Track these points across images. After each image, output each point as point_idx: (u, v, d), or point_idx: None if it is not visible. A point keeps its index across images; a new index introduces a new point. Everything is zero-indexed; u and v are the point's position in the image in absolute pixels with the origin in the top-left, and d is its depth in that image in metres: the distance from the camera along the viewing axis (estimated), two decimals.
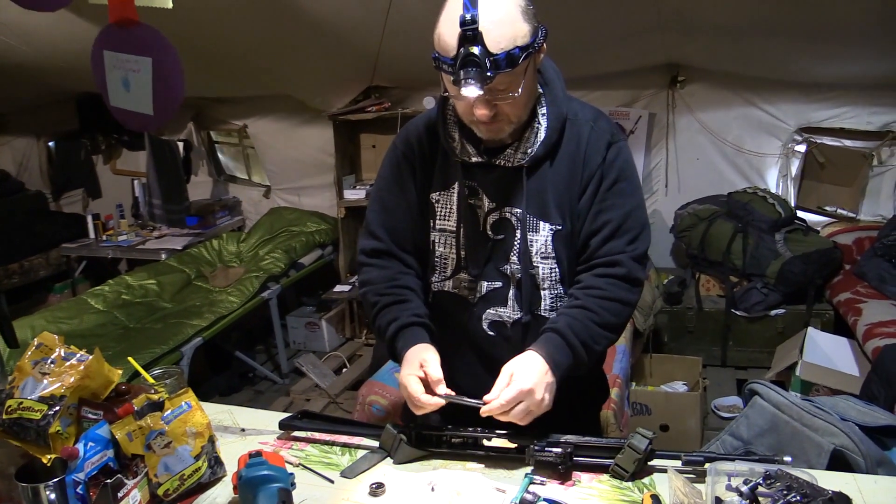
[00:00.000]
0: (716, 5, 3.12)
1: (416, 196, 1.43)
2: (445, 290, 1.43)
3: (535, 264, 1.36)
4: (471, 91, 1.16)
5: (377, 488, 1.24)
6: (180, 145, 4.89)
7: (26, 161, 5.56)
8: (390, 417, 2.51)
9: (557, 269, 1.36)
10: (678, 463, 1.24)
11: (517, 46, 1.16)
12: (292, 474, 1.17)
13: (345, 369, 3.98)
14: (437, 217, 1.41)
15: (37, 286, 4.85)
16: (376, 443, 1.38)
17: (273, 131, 4.81)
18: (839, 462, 1.32)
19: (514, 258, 1.36)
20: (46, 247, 4.84)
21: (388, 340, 1.41)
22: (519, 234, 1.35)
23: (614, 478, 1.24)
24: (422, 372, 1.30)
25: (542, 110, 1.34)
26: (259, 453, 1.16)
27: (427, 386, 1.30)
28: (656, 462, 1.26)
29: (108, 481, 1.13)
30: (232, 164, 5.42)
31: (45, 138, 5.48)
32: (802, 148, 4.02)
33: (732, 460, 1.17)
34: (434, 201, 1.41)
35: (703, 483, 1.17)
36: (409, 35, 3.38)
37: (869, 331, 3.06)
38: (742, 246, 3.74)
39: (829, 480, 1.16)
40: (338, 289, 4.29)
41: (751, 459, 1.19)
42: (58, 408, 1.26)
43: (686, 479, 1.17)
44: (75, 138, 5.34)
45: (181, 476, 1.24)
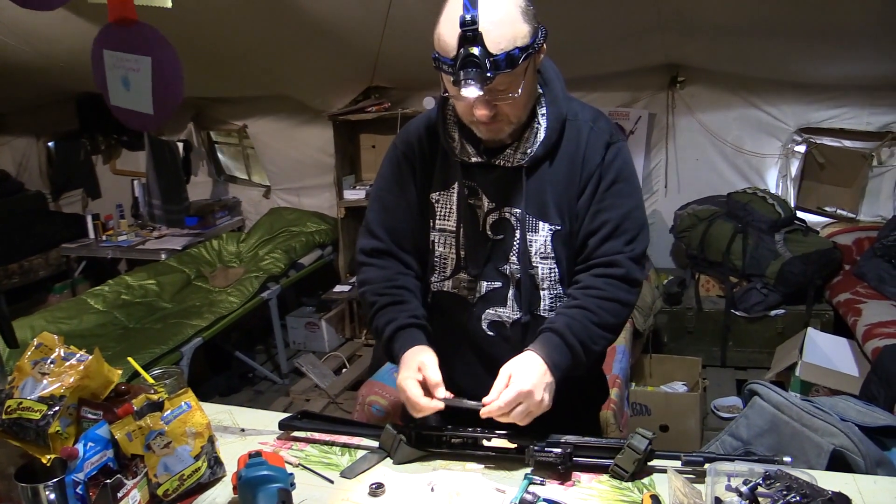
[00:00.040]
0: (716, 5, 3.12)
1: (415, 196, 1.43)
2: (445, 290, 1.43)
3: (534, 264, 1.36)
4: (471, 91, 1.16)
5: (377, 488, 1.24)
6: (180, 145, 4.89)
7: (26, 161, 5.55)
8: (390, 417, 2.51)
9: (557, 270, 1.37)
10: (678, 463, 1.24)
11: (517, 47, 1.16)
12: (292, 474, 1.17)
13: (344, 369, 3.98)
14: (437, 217, 1.41)
15: (36, 286, 4.85)
16: (376, 443, 1.38)
17: (273, 131, 4.80)
18: (839, 462, 1.32)
19: (514, 258, 1.36)
20: (46, 247, 4.84)
21: (385, 341, 1.41)
22: (518, 235, 1.35)
23: (614, 478, 1.24)
24: (420, 375, 1.30)
25: (542, 110, 1.34)
26: (259, 453, 1.16)
27: (425, 389, 1.29)
28: (656, 462, 1.26)
29: (108, 481, 1.13)
30: (232, 164, 5.42)
31: (45, 138, 5.48)
32: (802, 148, 4.02)
33: (732, 461, 1.17)
34: (434, 201, 1.41)
35: (702, 483, 1.17)
36: (409, 35, 3.38)
37: (868, 331, 3.06)
38: (742, 246, 3.74)
39: (828, 481, 1.16)
40: (337, 289, 4.29)
41: (750, 460, 1.19)
42: (57, 408, 1.26)
43: (686, 479, 1.17)
44: (75, 138, 5.33)
45: (181, 476, 1.24)
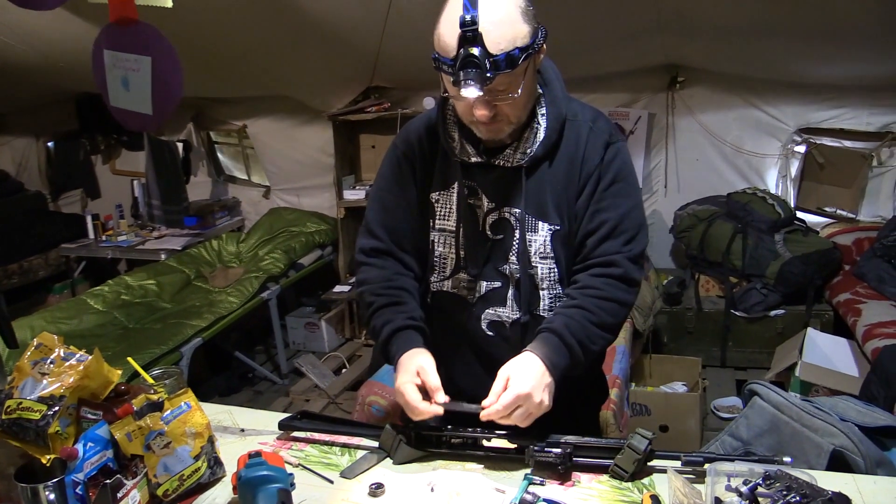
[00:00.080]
0: (716, 6, 3.12)
1: (415, 196, 1.43)
2: (444, 289, 1.43)
3: (533, 264, 1.36)
4: (470, 92, 1.16)
5: (377, 489, 1.24)
6: (180, 146, 4.88)
7: (25, 161, 5.55)
8: (390, 418, 2.51)
9: (556, 270, 1.37)
10: (678, 463, 1.24)
11: (517, 47, 1.16)
12: (292, 475, 1.17)
13: (344, 370, 3.98)
14: (437, 217, 1.41)
15: (36, 286, 4.85)
16: (376, 443, 1.38)
17: (273, 131, 4.80)
18: (839, 462, 1.32)
19: (513, 258, 1.36)
20: (46, 247, 4.84)
21: (381, 342, 1.40)
22: (518, 235, 1.35)
23: (614, 478, 1.24)
24: (419, 379, 1.30)
25: (542, 111, 1.34)
26: (258, 454, 1.16)
27: (424, 393, 1.29)
28: (656, 462, 1.26)
29: (108, 482, 1.13)
30: (231, 164, 5.41)
31: (45, 138, 5.47)
32: (802, 149, 4.02)
33: (732, 461, 1.17)
34: (434, 201, 1.41)
35: (702, 483, 1.17)
36: (409, 35, 3.38)
37: (868, 331, 3.06)
38: (741, 246, 3.74)
39: (828, 481, 1.16)
40: (337, 289, 4.29)
41: (750, 460, 1.19)
42: (57, 408, 1.26)
43: (685, 479, 1.17)
44: (74, 138, 5.33)
45: (180, 476, 1.24)
